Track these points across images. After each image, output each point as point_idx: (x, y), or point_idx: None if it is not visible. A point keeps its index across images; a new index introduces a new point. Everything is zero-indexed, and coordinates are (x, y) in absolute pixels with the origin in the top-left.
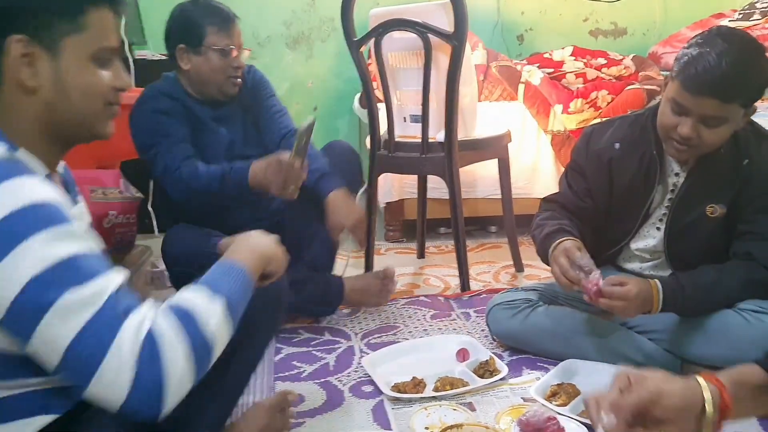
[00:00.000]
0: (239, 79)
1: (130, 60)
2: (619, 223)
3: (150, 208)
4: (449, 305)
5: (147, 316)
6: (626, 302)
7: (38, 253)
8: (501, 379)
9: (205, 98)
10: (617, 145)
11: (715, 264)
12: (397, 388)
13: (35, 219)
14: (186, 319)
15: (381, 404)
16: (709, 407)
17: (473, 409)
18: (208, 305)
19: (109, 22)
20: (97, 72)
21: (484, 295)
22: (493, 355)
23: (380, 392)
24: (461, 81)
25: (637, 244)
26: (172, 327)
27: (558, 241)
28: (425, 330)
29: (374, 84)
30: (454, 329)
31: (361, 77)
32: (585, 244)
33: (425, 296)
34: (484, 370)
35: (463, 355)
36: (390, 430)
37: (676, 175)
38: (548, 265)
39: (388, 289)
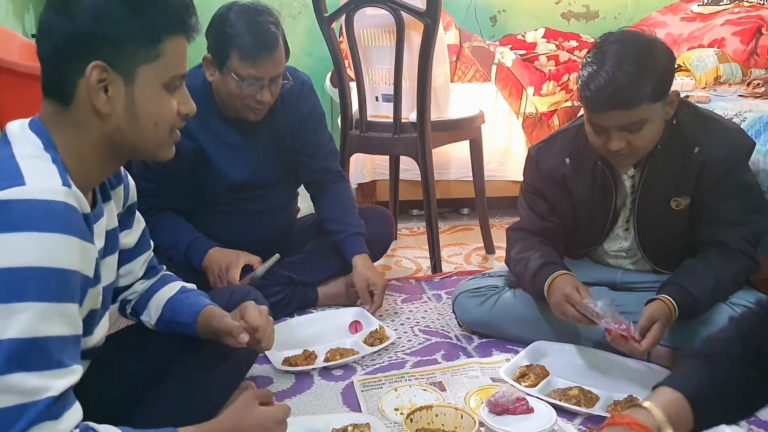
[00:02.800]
0: (262, 109)
1: None
2: (587, 229)
3: None
4: (421, 287)
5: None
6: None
7: (26, 321)
8: (391, 344)
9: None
10: (567, 160)
11: (694, 255)
12: (288, 361)
13: (47, 285)
14: None
15: (350, 386)
16: None
17: (443, 389)
18: None
19: (182, 50)
20: (167, 100)
21: (456, 277)
22: (381, 324)
23: (350, 375)
24: (434, 61)
25: (610, 246)
26: None
27: (550, 278)
28: (396, 313)
29: (346, 62)
30: (425, 311)
31: (333, 55)
32: (561, 254)
33: (396, 280)
34: (374, 338)
35: (355, 327)
36: (359, 412)
37: (632, 177)
38: (539, 299)
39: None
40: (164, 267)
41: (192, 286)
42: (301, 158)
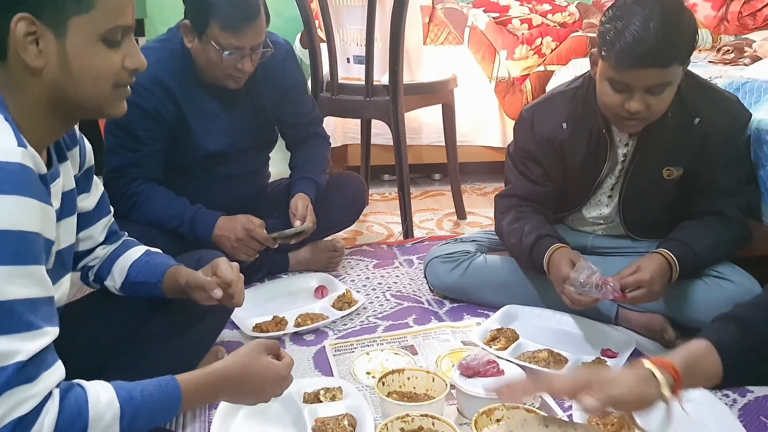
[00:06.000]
0: (242, 78)
1: None
2: (570, 194)
3: None
4: (392, 253)
5: (37, 394)
6: (648, 291)
7: None
8: (363, 308)
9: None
10: (565, 125)
11: (676, 223)
12: (258, 328)
13: (6, 248)
14: (75, 426)
15: (322, 351)
16: (666, 395)
17: (415, 353)
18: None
19: (121, 0)
20: (106, 53)
21: (427, 242)
22: (348, 288)
23: (321, 339)
24: (406, 22)
25: (589, 212)
26: (51, 425)
27: (547, 255)
28: (367, 278)
29: (316, 23)
30: (397, 276)
31: (303, 15)
32: (551, 220)
33: (368, 245)
34: (342, 302)
35: (321, 292)
36: (331, 376)
37: (626, 145)
38: (533, 271)
39: (336, 260)
40: (126, 233)
41: (157, 250)
42: (286, 129)
